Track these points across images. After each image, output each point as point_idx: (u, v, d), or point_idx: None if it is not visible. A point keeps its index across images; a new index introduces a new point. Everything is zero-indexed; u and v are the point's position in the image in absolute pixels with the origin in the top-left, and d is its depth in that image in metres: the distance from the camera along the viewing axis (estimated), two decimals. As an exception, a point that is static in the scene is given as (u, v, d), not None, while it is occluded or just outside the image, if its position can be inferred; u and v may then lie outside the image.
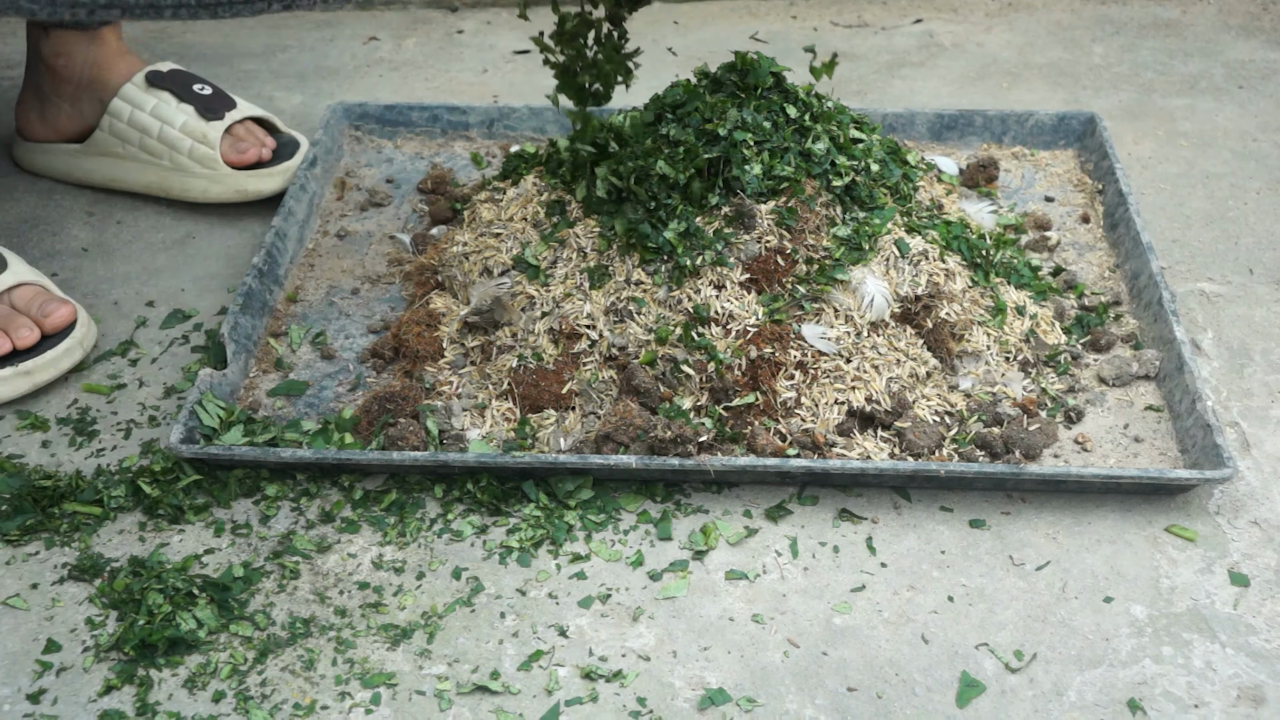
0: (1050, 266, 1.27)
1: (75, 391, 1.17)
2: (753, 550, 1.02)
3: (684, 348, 1.08)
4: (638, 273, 1.10)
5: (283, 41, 1.76)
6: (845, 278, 1.10)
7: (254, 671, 0.93)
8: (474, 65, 1.71)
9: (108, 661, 0.93)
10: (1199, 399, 1.07)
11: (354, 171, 1.45)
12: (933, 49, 1.72)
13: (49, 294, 1.18)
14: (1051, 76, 1.65)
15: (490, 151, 1.47)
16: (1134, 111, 1.57)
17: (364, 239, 1.35)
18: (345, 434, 1.08)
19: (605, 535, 1.03)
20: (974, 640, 0.95)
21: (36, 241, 1.36)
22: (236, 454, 1.05)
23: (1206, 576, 1.00)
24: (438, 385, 1.13)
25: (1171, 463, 1.08)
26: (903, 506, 1.05)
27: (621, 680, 0.92)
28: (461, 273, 1.19)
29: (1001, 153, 1.46)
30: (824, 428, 1.07)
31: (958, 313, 1.13)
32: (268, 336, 1.21)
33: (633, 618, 0.97)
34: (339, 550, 1.02)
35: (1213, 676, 0.92)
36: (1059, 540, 1.03)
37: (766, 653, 0.94)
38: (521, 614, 0.97)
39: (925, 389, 1.10)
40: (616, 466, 1.03)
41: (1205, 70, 1.66)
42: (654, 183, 1.11)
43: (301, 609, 0.97)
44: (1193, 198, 1.41)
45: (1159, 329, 1.17)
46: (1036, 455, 1.07)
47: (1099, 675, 0.92)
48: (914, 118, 1.45)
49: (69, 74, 1.40)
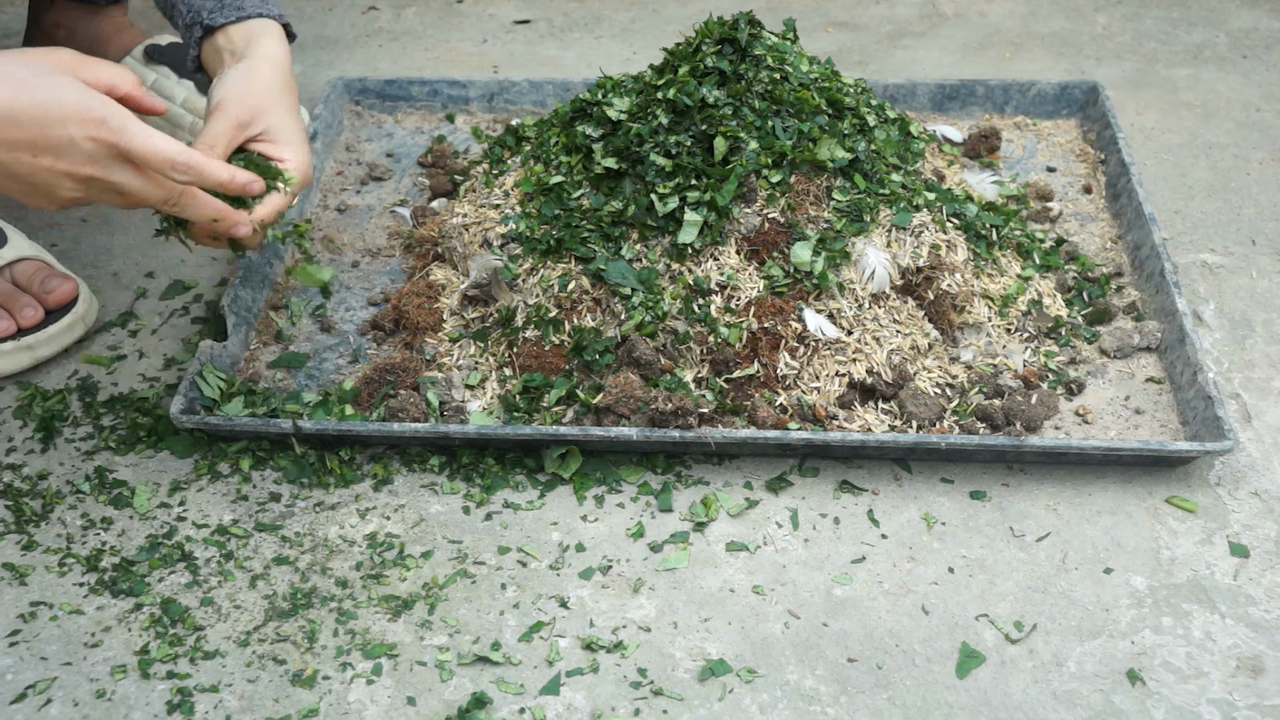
0: (1053, 238, 1.26)
1: (75, 363, 1.17)
2: (753, 522, 1.02)
3: (685, 320, 1.07)
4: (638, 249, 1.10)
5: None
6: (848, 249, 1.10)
7: (256, 638, 0.93)
8: (474, 35, 1.70)
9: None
10: (1200, 370, 1.07)
11: (354, 146, 1.45)
12: (934, 19, 1.71)
13: (51, 269, 1.18)
14: (1054, 46, 1.64)
15: (491, 125, 1.46)
16: (1137, 81, 1.56)
17: (364, 213, 1.34)
18: (346, 405, 1.08)
19: (606, 507, 1.03)
20: (974, 611, 0.95)
21: (36, 212, 1.35)
22: (237, 425, 1.05)
23: (1206, 547, 1.00)
24: (438, 357, 1.13)
25: (1172, 434, 1.08)
26: (903, 478, 1.05)
27: (622, 651, 0.92)
28: (461, 244, 1.18)
29: (1003, 123, 1.45)
30: (825, 400, 1.07)
31: (959, 284, 1.12)
32: (268, 309, 1.21)
33: (633, 589, 0.97)
34: (340, 522, 1.02)
35: (1212, 647, 0.93)
36: (1059, 511, 1.03)
37: (767, 624, 0.94)
38: (522, 585, 0.97)
39: (926, 361, 1.10)
40: (617, 438, 1.03)
41: (1209, 40, 1.65)
42: (647, 166, 1.11)
43: (301, 581, 0.97)
44: (1195, 168, 1.41)
45: (1161, 300, 1.17)
46: (1037, 427, 1.07)
47: (1099, 646, 0.93)
48: (915, 88, 1.45)
49: (68, 45, 1.39)
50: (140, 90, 0.95)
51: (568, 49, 1.66)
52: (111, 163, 0.91)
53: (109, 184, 0.92)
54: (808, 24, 1.69)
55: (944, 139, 1.38)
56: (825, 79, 1.18)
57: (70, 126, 0.89)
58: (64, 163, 0.90)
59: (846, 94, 1.18)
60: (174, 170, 0.92)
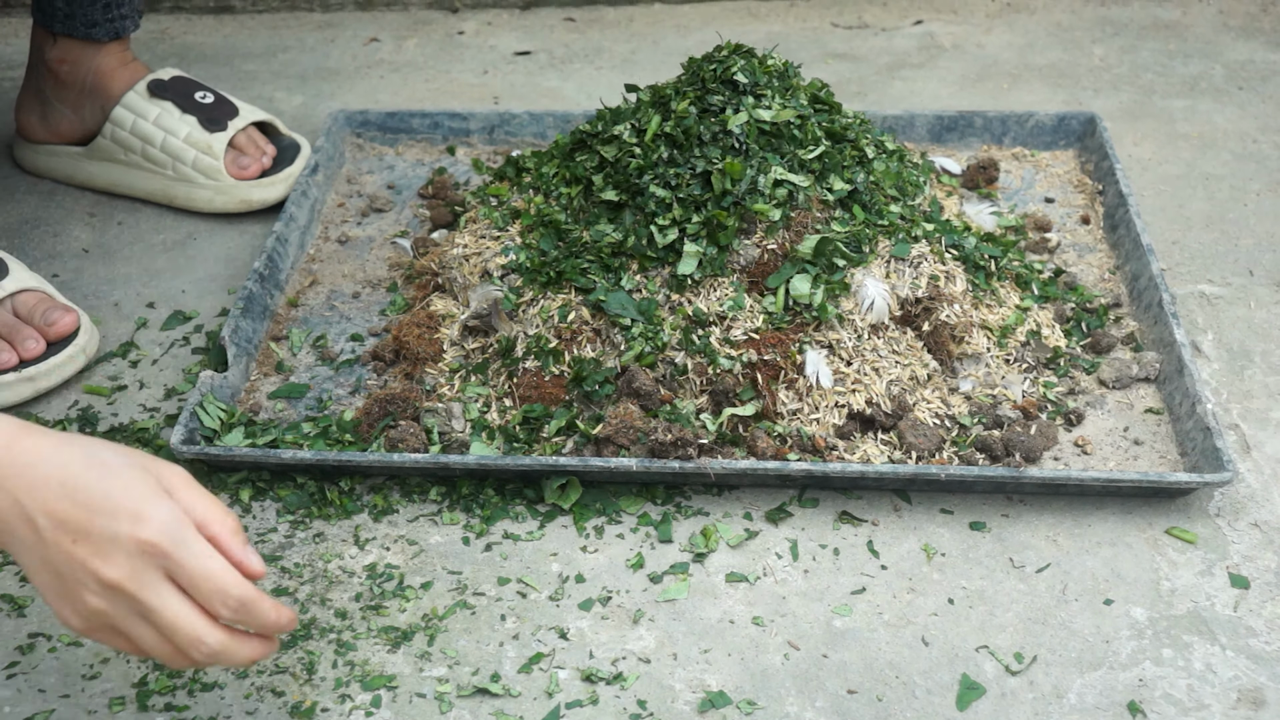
0: (1051, 268, 1.27)
1: (76, 393, 1.17)
2: (753, 552, 1.02)
3: (685, 351, 1.08)
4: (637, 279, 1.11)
5: (283, 42, 1.76)
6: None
7: (254, 670, 0.93)
8: (474, 66, 1.71)
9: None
10: (1199, 401, 1.07)
11: (355, 178, 1.45)
12: (933, 50, 1.72)
13: (52, 301, 1.18)
14: (1051, 78, 1.65)
15: (491, 158, 1.47)
16: (1134, 112, 1.57)
17: (365, 244, 1.35)
18: (346, 436, 1.09)
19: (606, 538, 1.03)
20: (974, 643, 0.95)
21: (38, 242, 1.36)
22: (237, 455, 1.05)
23: (1207, 579, 1.00)
24: (438, 388, 1.13)
25: (1171, 466, 1.08)
26: (903, 509, 1.06)
27: (622, 683, 0.92)
28: (462, 275, 1.19)
29: (1002, 154, 1.46)
30: (824, 430, 1.07)
31: (958, 315, 1.13)
32: (268, 340, 1.21)
33: (633, 620, 0.97)
34: (340, 552, 1.02)
35: (1213, 679, 0.93)
36: (1059, 542, 1.03)
37: (767, 655, 0.94)
38: (522, 616, 0.97)
39: (925, 391, 1.11)
40: (617, 469, 1.03)
41: (1205, 71, 1.66)
42: (648, 197, 1.11)
43: (302, 611, 0.97)
44: (1193, 199, 1.41)
45: (1159, 331, 1.17)
46: (1036, 458, 1.07)
47: (1099, 678, 0.93)
48: (914, 119, 1.45)
49: (72, 80, 1.40)
50: (235, 540, 0.79)
51: (568, 80, 1.67)
52: (151, 577, 0.76)
53: (138, 604, 0.76)
54: (806, 55, 1.70)
55: (942, 170, 1.39)
56: (824, 102, 1.19)
57: (122, 521, 0.75)
58: (98, 559, 0.76)
59: (848, 127, 1.19)
60: (225, 604, 0.77)
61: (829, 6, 1.83)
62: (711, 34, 1.76)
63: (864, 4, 1.84)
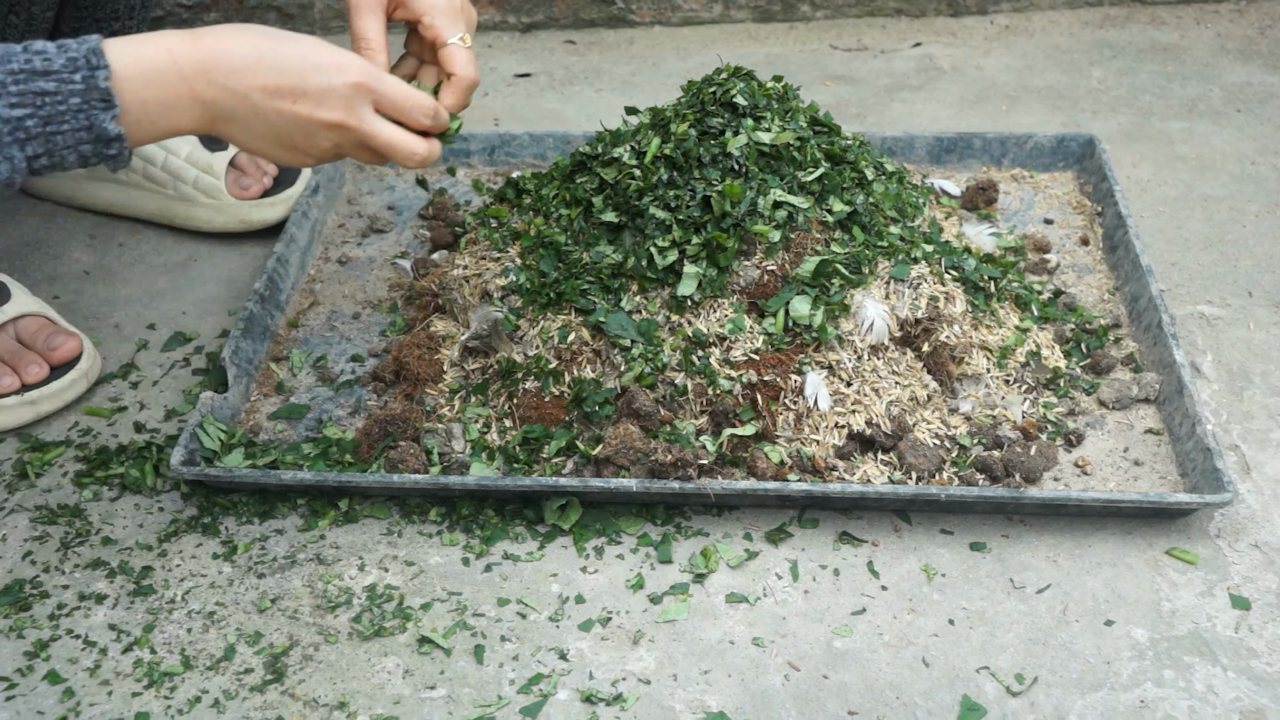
0: (1050, 289, 1.27)
1: (77, 414, 1.17)
2: (753, 573, 1.02)
3: (685, 372, 1.08)
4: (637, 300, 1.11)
5: (285, 66, 1.77)
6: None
7: (254, 694, 0.93)
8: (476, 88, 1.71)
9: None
10: (1199, 422, 1.07)
11: (355, 199, 1.46)
12: (932, 72, 1.73)
13: (55, 325, 1.19)
14: (1050, 99, 1.66)
15: (491, 179, 1.47)
16: (1132, 134, 1.57)
17: (365, 265, 1.35)
18: (346, 457, 1.09)
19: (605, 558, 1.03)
20: (975, 664, 0.95)
21: (39, 264, 1.36)
22: (237, 476, 1.05)
23: (1207, 599, 1.00)
24: (438, 408, 1.13)
25: (1171, 486, 1.08)
26: (903, 529, 1.05)
27: (622, 704, 0.92)
28: (462, 296, 1.19)
29: (1001, 175, 1.46)
30: (824, 451, 1.07)
31: (957, 335, 1.13)
32: (269, 361, 1.22)
33: (633, 641, 0.97)
34: (340, 573, 1.02)
35: (1214, 700, 0.92)
36: (1059, 563, 1.03)
37: (767, 676, 0.94)
38: (522, 637, 0.97)
39: (925, 412, 1.11)
40: (617, 490, 1.03)
41: (1203, 94, 1.66)
42: (647, 219, 1.12)
43: (300, 633, 0.97)
44: (1192, 220, 1.42)
45: (1159, 352, 1.17)
46: (1036, 479, 1.07)
47: (1100, 699, 0.92)
48: (913, 141, 1.46)
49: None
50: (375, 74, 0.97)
51: (568, 102, 1.68)
52: (364, 111, 0.94)
53: (363, 134, 0.95)
54: (806, 77, 1.71)
55: (942, 191, 1.39)
56: (823, 124, 1.19)
57: (329, 73, 0.91)
58: (323, 110, 0.92)
59: (847, 149, 1.19)
60: (425, 114, 0.97)
61: (828, 29, 1.84)
62: (711, 56, 1.77)
63: (863, 26, 1.84)
